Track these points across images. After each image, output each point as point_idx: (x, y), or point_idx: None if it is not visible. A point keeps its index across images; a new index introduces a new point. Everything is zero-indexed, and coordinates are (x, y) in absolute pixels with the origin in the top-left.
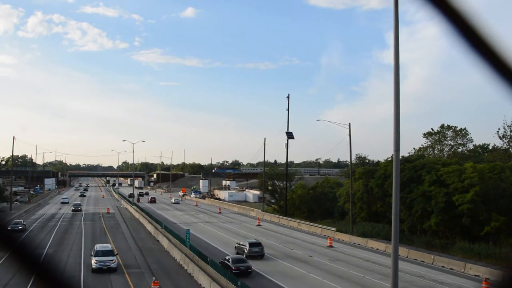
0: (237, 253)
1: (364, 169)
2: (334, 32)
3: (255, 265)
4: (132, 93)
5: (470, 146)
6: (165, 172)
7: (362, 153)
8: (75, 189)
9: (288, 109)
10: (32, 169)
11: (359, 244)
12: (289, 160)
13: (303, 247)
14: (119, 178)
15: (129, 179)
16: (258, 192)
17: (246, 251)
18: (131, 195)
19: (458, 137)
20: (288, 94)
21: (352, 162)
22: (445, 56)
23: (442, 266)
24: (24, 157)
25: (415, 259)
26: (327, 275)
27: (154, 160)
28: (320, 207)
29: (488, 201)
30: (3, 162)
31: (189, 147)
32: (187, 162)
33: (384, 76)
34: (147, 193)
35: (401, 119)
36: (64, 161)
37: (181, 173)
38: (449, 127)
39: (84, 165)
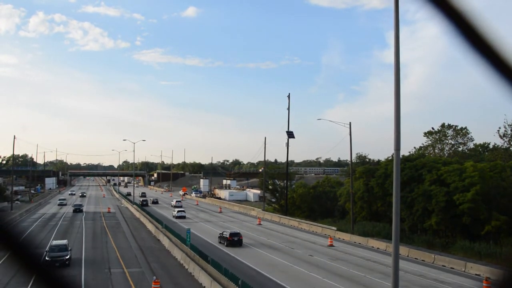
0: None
1: (364, 168)
2: (335, 32)
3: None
4: (133, 93)
5: (471, 145)
6: (165, 172)
7: (363, 152)
8: (59, 203)
9: (288, 108)
10: (33, 168)
11: (359, 243)
12: (289, 159)
13: (303, 246)
14: (120, 177)
15: (126, 178)
16: (258, 191)
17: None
18: (115, 184)
19: (458, 136)
20: (289, 94)
21: (353, 161)
22: (445, 55)
23: (442, 265)
24: (24, 156)
25: (415, 258)
26: (327, 274)
27: (154, 159)
28: (321, 206)
29: (489, 200)
30: (4, 162)
31: (189, 147)
32: (187, 161)
33: (385, 76)
34: (127, 184)
35: (401, 118)
36: (64, 161)
37: (182, 172)
38: (449, 126)
39: (84, 165)
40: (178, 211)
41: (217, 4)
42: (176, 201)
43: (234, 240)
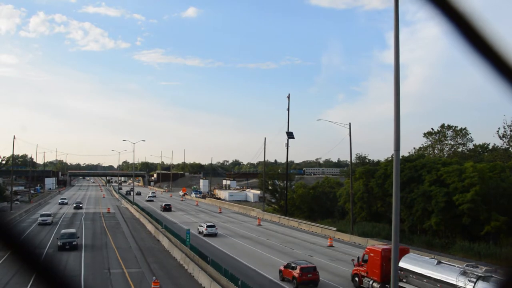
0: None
1: (364, 168)
2: (335, 32)
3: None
4: (133, 93)
5: (470, 145)
6: (165, 172)
7: (362, 153)
8: (41, 221)
9: (288, 109)
10: (33, 168)
11: (359, 244)
12: (289, 159)
13: (303, 246)
14: (119, 177)
15: (122, 178)
16: (258, 192)
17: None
18: (110, 182)
19: (458, 136)
20: (289, 94)
21: (352, 161)
22: (445, 56)
23: None
24: (24, 156)
25: None
26: (327, 274)
27: (154, 159)
28: (321, 206)
29: (489, 201)
30: (4, 162)
31: (189, 147)
32: (187, 161)
33: (385, 76)
34: (122, 182)
35: (401, 119)
36: (64, 161)
37: (182, 172)
38: (449, 127)
39: (84, 165)
40: (149, 196)
41: (217, 5)
42: (152, 192)
43: (167, 208)
